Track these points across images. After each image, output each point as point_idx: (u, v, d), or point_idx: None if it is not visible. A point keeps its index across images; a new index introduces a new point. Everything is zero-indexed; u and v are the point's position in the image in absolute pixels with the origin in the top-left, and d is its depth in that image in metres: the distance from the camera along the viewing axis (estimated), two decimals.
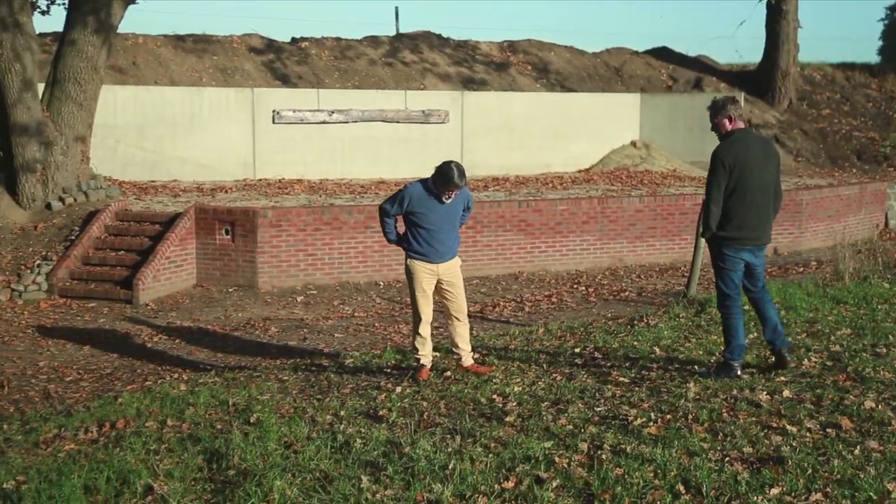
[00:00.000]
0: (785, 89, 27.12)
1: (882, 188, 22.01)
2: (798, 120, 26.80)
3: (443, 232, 8.11)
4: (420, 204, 8.01)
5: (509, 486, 5.38)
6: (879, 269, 12.88)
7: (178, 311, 13.30)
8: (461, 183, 7.92)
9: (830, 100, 28.16)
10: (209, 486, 5.62)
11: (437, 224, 8.06)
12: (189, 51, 22.09)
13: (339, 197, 17.10)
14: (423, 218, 8.03)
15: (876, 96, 28.74)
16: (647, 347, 9.12)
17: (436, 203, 8.01)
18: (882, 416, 6.53)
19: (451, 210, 8.14)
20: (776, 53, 26.97)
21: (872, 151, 26.12)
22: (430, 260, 8.12)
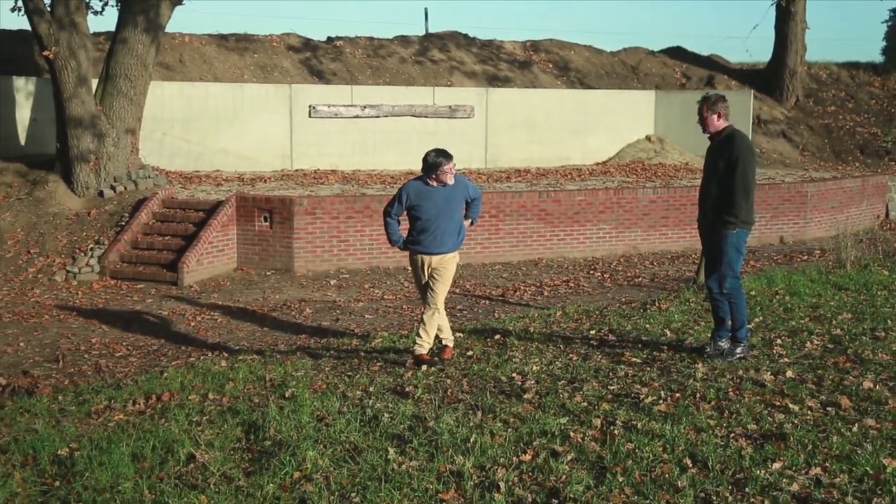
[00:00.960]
0: (793, 87, 26.84)
1: (883, 181, 21.78)
2: (805, 116, 26.53)
3: (439, 224, 7.97)
4: (418, 197, 7.97)
5: (527, 458, 5.39)
6: (879, 258, 12.77)
7: (220, 293, 13.38)
8: (440, 159, 7.88)
9: (836, 97, 27.85)
10: (247, 455, 5.66)
11: (433, 216, 7.94)
12: (231, 49, 22.13)
13: (371, 187, 17.11)
14: (421, 210, 7.96)
15: (879, 94, 28.39)
16: (659, 330, 9.10)
17: (433, 193, 7.96)
18: (879, 395, 6.49)
19: (449, 202, 8.03)
20: (785, 53, 26.69)
21: (875, 146, 25.83)
22: (423, 251, 8.04)
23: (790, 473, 5.06)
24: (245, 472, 5.34)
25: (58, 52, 15.07)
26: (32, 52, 17.85)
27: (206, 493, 4.98)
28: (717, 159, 7.59)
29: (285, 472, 5.23)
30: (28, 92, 17.45)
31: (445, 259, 8.09)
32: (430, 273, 8.09)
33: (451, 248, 8.12)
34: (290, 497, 4.90)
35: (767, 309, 9.89)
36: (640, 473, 5.10)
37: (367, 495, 4.87)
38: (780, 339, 8.43)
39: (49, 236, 14.58)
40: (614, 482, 4.97)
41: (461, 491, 4.93)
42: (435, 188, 7.98)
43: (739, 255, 7.65)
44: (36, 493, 5.21)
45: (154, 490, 5.08)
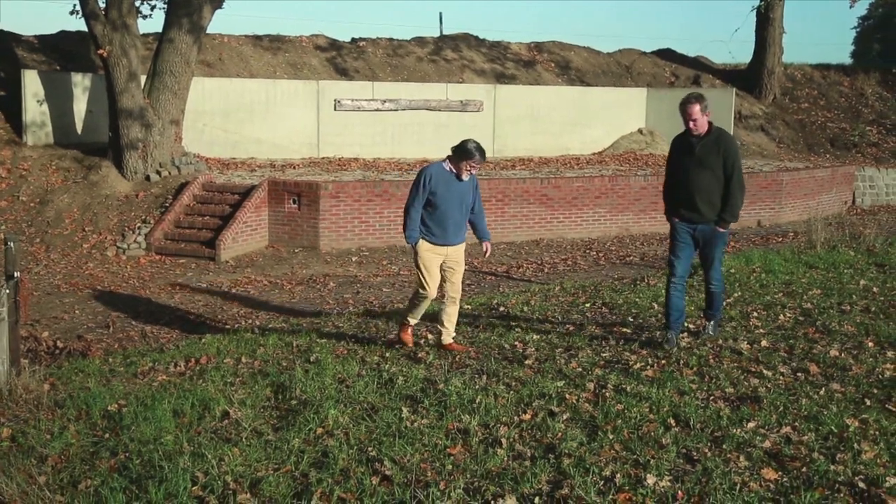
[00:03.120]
0: (770, 86, 26.58)
1: (851, 171, 21.61)
2: (781, 112, 26.29)
3: (454, 214, 7.13)
4: (438, 183, 7.05)
5: (526, 418, 5.37)
6: (846, 240, 12.67)
7: (253, 268, 13.38)
8: (477, 154, 7.00)
9: (809, 95, 27.57)
10: (275, 413, 5.66)
11: (451, 205, 7.08)
12: (266, 48, 22.02)
13: (390, 173, 17.05)
14: (439, 198, 7.04)
15: (848, 93, 28.09)
16: (647, 303, 9.06)
17: (452, 181, 7.08)
18: (844, 362, 6.45)
19: (464, 192, 7.17)
20: (764, 55, 26.42)
21: (844, 140, 25.58)
22: (439, 242, 7.16)
23: (763, 432, 5.03)
24: (273, 428, 5.34)
25: (111, 50, 15.06)
26: (88, 51, 17.80)
27: (239, 446, 4.98)
28: (710, 158, 6.87)
29: (309, 429, 5.23)
30: (84, 86, 17.42)
31: (460, 249, 7.34)
32: (445, 265, 7.27)
33: (463, 238, 7.35)
34: (314, 450, 4.90)
35: (745, 285, 9.82)
36: (628, 431, 5.07)
37: (383, 449, 4.86)
38: (756, 312, 8.37)
39: (101, 216, 14.59)
40: (605, 439, 4.94)
41: (467, 446, 4.91)
42: (455, 179, 7.10)
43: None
44: (88, 443, 5.22)
45: (192, 443, 5.09)
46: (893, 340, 7.12)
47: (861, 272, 10.37)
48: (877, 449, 4.73)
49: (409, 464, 4.65)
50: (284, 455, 4.83)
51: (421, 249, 7.21)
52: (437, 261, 7.24)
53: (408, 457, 4.74)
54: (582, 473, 4.46)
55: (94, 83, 17.29)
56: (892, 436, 4.93)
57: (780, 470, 4.51)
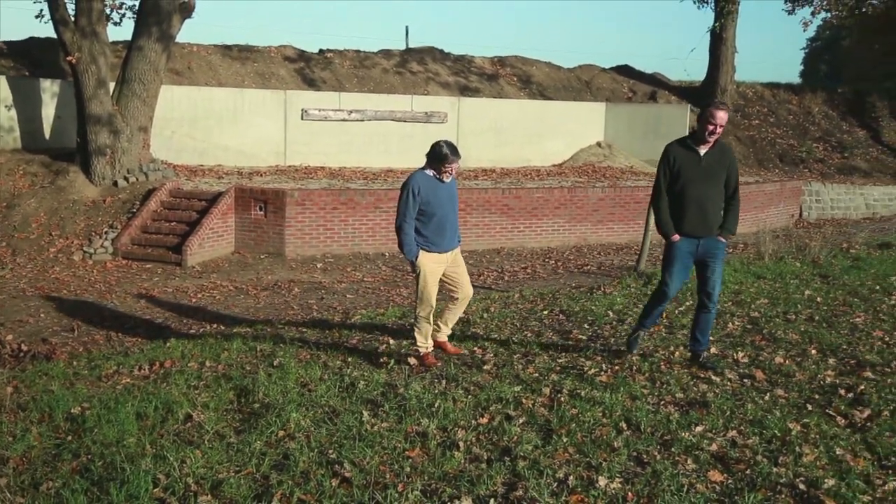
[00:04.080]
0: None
1: (798, 186, 21.98)
2: (733, 128, 26.68)
3: (451, 217, 6.83)
4: (427, 190, 6.68)
5: (483, 421, 5.39)
6: (793, 251, 12.89)
7: (219, 273, 13.27)
8: (450, 153, 6.66)
9: (759, 112, 28.03)
10: (238, 415, 5.63)
11: (445, 209, 6.76)
12: (234, 58, 21.90)
13: (355, 182, 17.02)
14: (433, 206, 6.69)
15: (796, 111, 28.62)
16: (603, 311, 9.12)
17: (438, 185, 6.74)
18: (788, 369, 6.56)
19: (451, 193, 6.86)
20: (717, 73, 26.85)
21: (792, 155, 26.04)
22: (442, 249, 6.82)
23: (710, 435, 5.10)
24: (236, 431, 5.31)
25: (80, 57, 14.88)
26: (58, 57, 17.56)
27: (201, 449, 4.94)
28: (716, 169, 6.42)
29: (271, 431, 5.20)
30: (53, 92, 17.18)
31: (458, 251, 7.05)
32: (451, 270, 6.97)
33: (457, 243, 7.02)
34: (275, 453, 4.87)
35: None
36: (582, 435, 5.11)
37: (343, 452, 4.85)
38: None
39: (68, 220, 14.38)
40: (559, 442, 4.98)
41: (425, 449, 4.92)
42: (440, 182, 6.77)
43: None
44: (50, 446, 5.15)
45: (155, 445, 5.03)
46: (835, 348, 7.26)
47: (806, 283, 10.56)
48: (817, 452, 4.82)
49: (368, 466, 4.65)
50: (246, 457, 4.80)
51: (424, 263, 6.77)
52: (440, 271, 6.89)
53: (367, 459, 4.74)
54: (536, 475, 4.49)
55: (63, 89, 17.06)
56: (831, 439, 5.03)
57: (725, 472, 4.57)
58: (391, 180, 17.51)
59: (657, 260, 14.33)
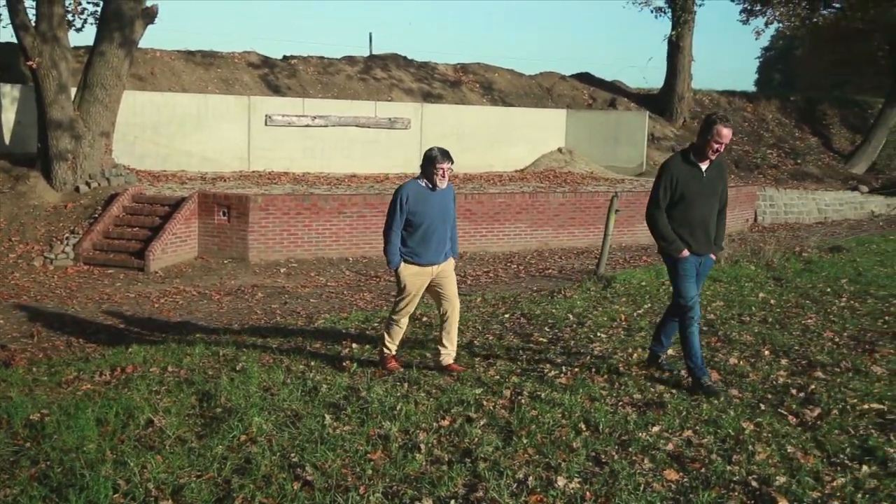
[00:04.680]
0: (681, 110, 27.35)
1: (753, 191, 22.30)
2: (691, 135, 27.01)
3: (438, 230, 6.63)
4: (416, 201, 6.53)
5: (445, 423, 5.40)
6: (748, 255, 13.07)
7: (182, 278, 13.13)
8: (444, 159, 6.50)
9: None
10: (200, 420, 5.57)
11: (433, 221, 6.57)
12: (198, 64, 21.71)
13: (319, 187, 16.95)
14: (420, 216, 6.53)
15: (751, 118, 29.08)
16: (563, 314, 9.17)
17: (429, 196, 6.56)
18: (742, 370, 6.65)
19: (444, 205, 6.67)
20: (675, 81, 27.19)
21: (747, 161, 26.45)
22: (425, 262, 6.63)
23: (667, 435, 5.15)
24: (198, 435, 5.25)
25: (41, 62, 14.65)
26: (18, 62, 17.27)
27: (162, 454, 4.88)
28: (716, 185, 6.21)
29: (233, 436, 5.15)
30: (13, 97, 16.90)
31: (449, 265, 6.84)
32: (437, 284, 6.76)
33: (448, 255, 6.82)
34: (237, 457, 4.83)
35: (655, 297, 10.05)
36: (541, 436, 5.13)
37: (305, 455, 4.82)
38: None
39: (29, 226, 14.14)
40: (519, 444, 5.00)
41: (387, 452, 4.91)
42: (432, 192, 6.59)
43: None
44: (8, 452, 5.05)
45: (115, 451, 4.96)
46: (787, 349, 7.38)
47: (760, 285, 10.72)
48: (769, 450, 4.89)
49: (330, 469, 4.63)
50: (207, 462, 4.75)
51: (405, 274, 6.63)
52: (423, 283, 6.69)
53: (329, 462, 4.72)
54: (496, 476, 4.50)
55: (24, 94, 16.78)
56: (783, 438, 5.11)
57: (681, 471, 4.62)
58: (355, 185, 17.48)
59: (616, 264, 14.49)
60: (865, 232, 19.34)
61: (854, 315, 8.95)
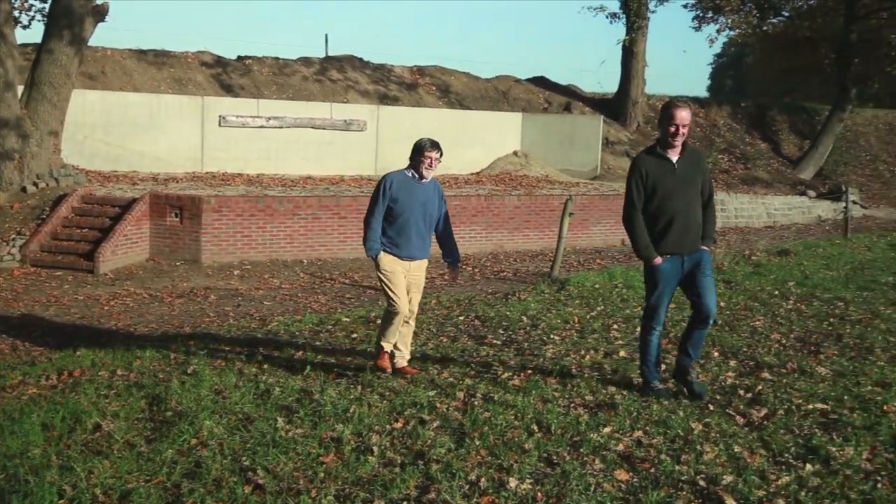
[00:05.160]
0: (634, 114, 27.68)
1: None
2: (644, 139, 27.37)
3: (418, 224, 6.53)
4: (399, 189, 6.48)
5: (398, 426, 5.40)
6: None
7: (133, 281, 12.93)
8: (433, 149, 6.49)
9: None
10: (149, 424, 5.50)
11: (413, 213, 6.50)
12: (150, 63, 21.42)
13: (273, 189, 16.82)
14: (401, 205, 6.46)
15: (703, 123, 29.55)
16: (517, 316, 9.23)
17: (414, 187, 6.52)
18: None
19: (427, 199, 6.57)
20: (629, 85, 27.50)
21: None
22: (403, 255, 6.55)
23: (618, 436, 5.21)
24: (147, 440, 5.18)
25: None
26: None
27: (110, 458, 4.80)
28: (693, 177, 5.90)
29: (183, 439, 5.10)
30: None
31: (422, 266, 6.73)
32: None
33: (425, 253, 6.70)
34: (187, 461, 4.78)
35: (607, 299, 10.16)
36: (494, 438, 5.16)
37: (257, 459, 4.79)
38: (616, 324, 8.68)
39: None
40: (472, 445, 5.02)
41: (340, 454, 4.89)
42: (417, 183, 6.54)
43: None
44: None
45: (61, 456, 4.87)
46: (736, 350, 7.52)
47: None
48: (717, 450, 4.98)
49: (282, 472, 4.60)
50: (157, 466, 4.69)
51: (383, 262, 6.54)
52: (402, 274, 6.58)
53: (281, 466, 4.69)
54: (449, 478, 4.51)
55: None
56: (730, 437, 5.20)
57: (631, 471, 4.68)
58: (310, 187, 17.38)
59: (571, 266, 14.62)
60: (812, 236, 19.77)
61: (800, 317, 9.15)
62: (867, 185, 29.22)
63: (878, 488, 4.50)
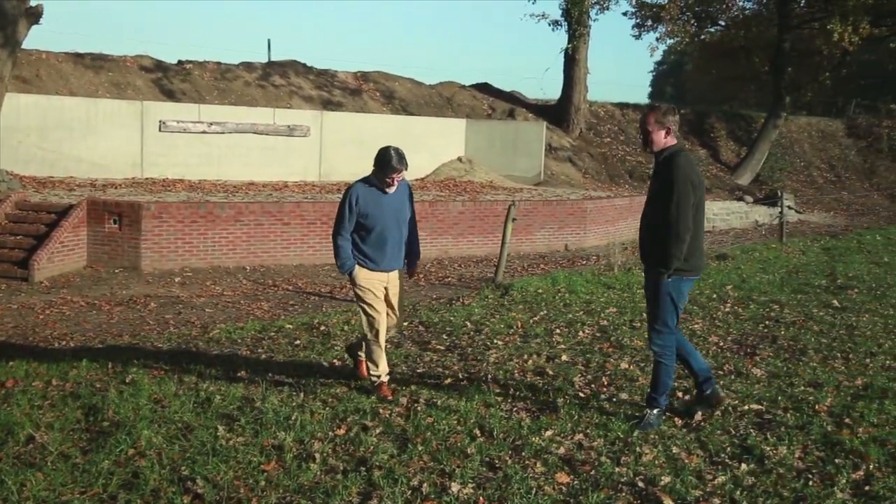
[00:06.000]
0: (577, 121, 28.03)
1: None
2: (586, 145, 27.74)
3: (394, 234, 6.16)
4: (367, 202, 6.05)
5: (341, 433, 5.37)
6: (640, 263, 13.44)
7: (69, 289, 12.63)
8: (400, 165, 6.02)
9: (611, 130, 29.28)
10: (85, 435, 5.37)
11: (387, 224, 6.11)
12: (87, 67, 20.98)
13: (215, 195, 16.60)
14: (372, 219, 6.06)
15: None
16: (461, 322, 9.26)
17: (380, 197, 6.09)
18: (633, 374, 6.86)
19: (397, 206, 6.18)
20: (571, 92, 27.85)
21: (640, 172, 27.31)
22: (380, 268, 6.17)
23: (559, 439, 5.27)
24: (82, 451, 5.06)
25: None
26: None
27: (44, 471, 4.68)
28: (655, 185, 5.49)
29: (120, 450, 5.00)
30: None
31: (397, 274, 6.35)
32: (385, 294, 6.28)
33: (401, 263, 6.37)
34: (124, 472, 4.68)
35: (550, 304, 10.26)
36: (437, 443, 5.17)
37: (196, 468, 4.72)
38: (558, 329, 8.76)
39: None
40: (414, 451, 5.02)
41: (281, 462, 4.85)
42: (384, 193, 6.12)
43: (673, 305, 5.44)
44: None
45: None
46: None
47: None
48: (655, 451, 5.06)
49: (221, 481, 4.54)
50: (93, 478, 4.59)
51: (359, 277, 6.13)
52: (381, 288, 6.21)
53: (221, 474, 4.63)
54: (391, 484, 4.51)
55: None
56: (668, 439, 5.30)
57: (572, 474, 4.74)
58: (252, 193, 17.20)
59: (515, 271, 14.72)
60: (750, 240, 20.22)
61: (737, 320, 9.35)
62: (801, 191, 30.06)
63: (809, 486, 4.63)
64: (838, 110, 39.96)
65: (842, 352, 7.82)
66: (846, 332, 8.74)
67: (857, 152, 35.25)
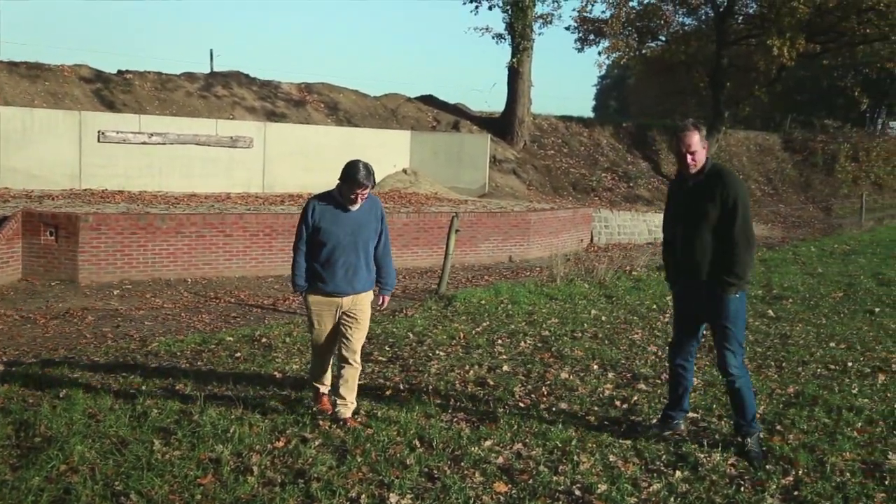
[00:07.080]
0: (521, 133, 28.29)
1: (589, 212, 23.33)
2: (530, 157, 28.00)
3: (347, 255, 5.67)
4: (323, 217, 5.65)
5: (279, 445, 5.35)
6: (582, 273, 13.65)
7: (3, 302, 12.30)
8: (367, 182, 5.61)
9: (554, 143, 29.61)
10: (16, 451, 5.25)
11: (339, 241, 5.64)
12: (23, 76, 20.52)
13: (155, 206, 16.35)
14: (324, 234, 5.63)
15: (587, 142, 30.48)
16: (404, 333, 9.26)
17: (340, 214, 5.67)
18: (572, 384, 6.94)
19: (359, 225, 5.70)
20: (515, 105, 28.11)
21: (584, 184, 27.67)
22: (328, 291, 5.71)
23: (498, 449, 5.31)
24: (12, 467, 4.94)
25: None
26: None
27: None
28: (704, 202, 5.21)
29: (52, 466, 4.90)
30: None
31: (360, 299, 5.83)
32: (341, 319, 5.84)
33: (364, 286, 5.82)
34: (55, 488, 4.59)
35: (493, 315, 10.32)
36: (376, 454, 5.17)
37: (130, 483, 4.65)
38: (500, 339, 8.83)
39: None
40: (353, 462, 5.02)
41: (218, 475, 4.81)
42: (344, 211, 5.70)
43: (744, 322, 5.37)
44: None
45: None
46: (615, 363, 7.77)
47: (593, 303, 11.23)
48: (593, 460, 5.14)
49: (156, 496, 4.48)
50: (22, 494, 4.49)
51: (308, 301, 5.81)
52: (329, 312, 5.81)
53: (156, 489, 4.57)
54: (329, 496, 4.50)
55: None
56: (606, 447, 5.38)
57: (510, 483, 4.78)
58: (194, 205, 16.98)
59: (459, 283, 14.78)
60: None
61: None
62: None
63: (741, 492, 4.74)
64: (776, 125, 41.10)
65: (776, 360, 8.03)
66: (780, 341, 8.97)
67: (794, 166, 36.23)
